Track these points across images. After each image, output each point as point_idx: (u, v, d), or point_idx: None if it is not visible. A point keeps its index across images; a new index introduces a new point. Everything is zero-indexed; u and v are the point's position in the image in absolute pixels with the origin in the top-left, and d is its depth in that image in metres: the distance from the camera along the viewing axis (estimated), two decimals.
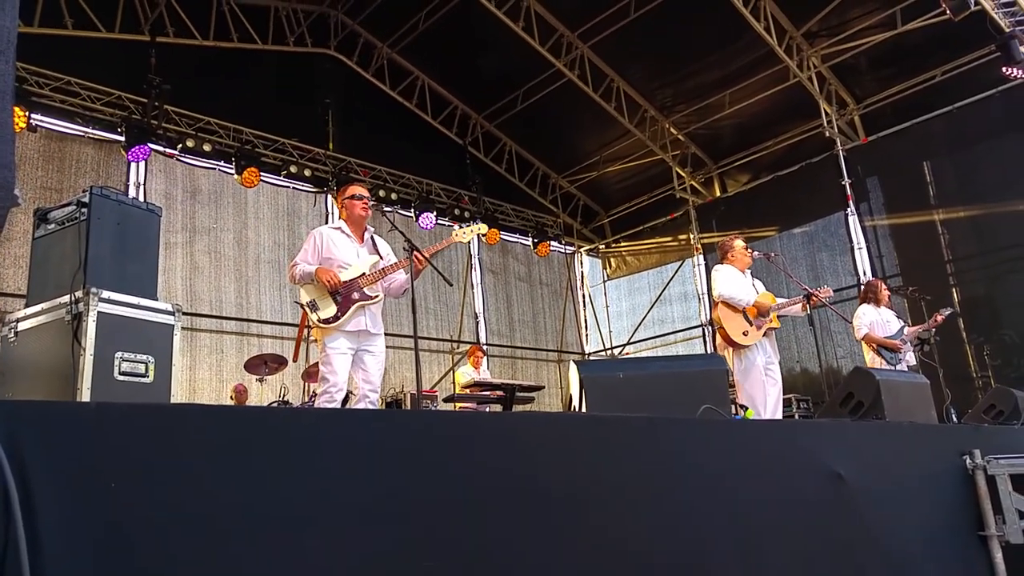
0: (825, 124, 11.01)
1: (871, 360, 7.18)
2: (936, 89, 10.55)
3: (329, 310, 4.65)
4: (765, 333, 5.97)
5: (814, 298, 5.96)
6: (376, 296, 4.80)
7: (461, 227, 5.42)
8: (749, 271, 6.29)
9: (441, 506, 1.90)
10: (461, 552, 1.90)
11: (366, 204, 5.03)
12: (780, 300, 6.12)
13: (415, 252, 4.74)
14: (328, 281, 4.63)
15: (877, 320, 7.21)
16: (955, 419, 6.77)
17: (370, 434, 1.88)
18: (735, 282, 6.09)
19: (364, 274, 4.80)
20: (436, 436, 2.00)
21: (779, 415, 6.02)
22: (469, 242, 12.50)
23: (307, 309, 4.68)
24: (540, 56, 11.55)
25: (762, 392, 5.82)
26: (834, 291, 6.24)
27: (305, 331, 5.22)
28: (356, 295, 4.72)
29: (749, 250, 6.31)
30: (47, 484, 1.34)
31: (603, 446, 2.35)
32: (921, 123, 10.61)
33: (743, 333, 5.89)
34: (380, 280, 4.85)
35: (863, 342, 7.30)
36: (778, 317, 6.11)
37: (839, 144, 11.26)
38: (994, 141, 9.98)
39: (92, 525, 1.38)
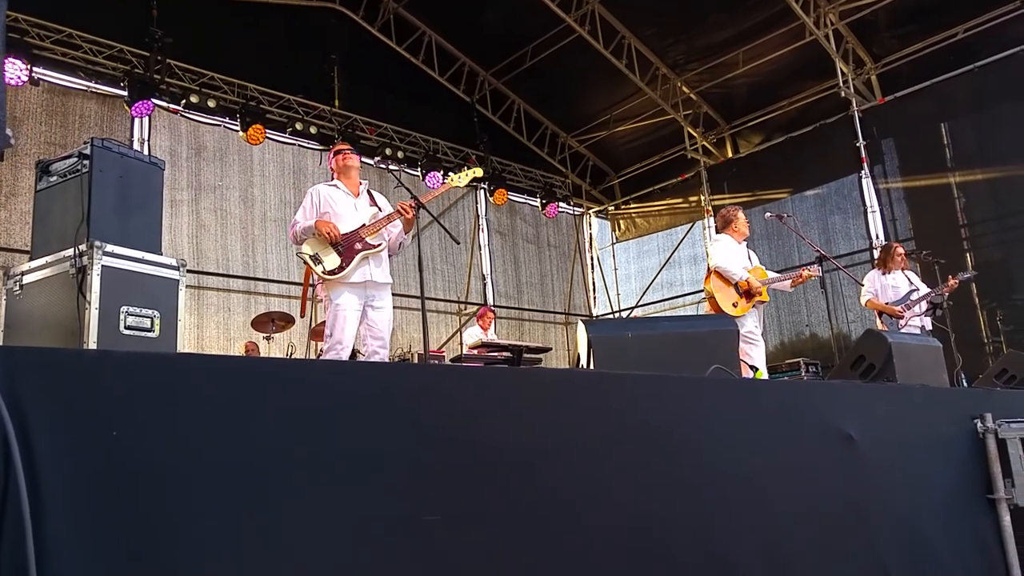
0: (841, 84, 10.77)
1: (877, 324, 7.18)
2: (958, 47, 10.27)
3: (333, 261, 4.66)
4: (754, 305, 6.20)
5: (799, 276, 6.28)
6: (379, 245, 4.81)
7: (456, 173, 5.44)
8: (745, 242, 6.55)
9: (444, 460, 1.88)
10: (462, 507, 1.88)
11: (347, 155, 5.08)
12: (771, 275, 6.31)
13: (406, 203, 4.76)
14: (328, 232, 4.63)
15: (882, 286, 7.23)
16: (965, 384, 6.73)
17: (375, 386, 1.85)
18: (731, 255, 6.32)
19: (364, 224, 4.80)
20: (442, 389, 1.97)
21: None
22: (467, 187, 12.48)
23: (311, 263, 4.68)
24: (550, 11, 11.30)
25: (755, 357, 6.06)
26: (846, 254, 6.28)
27: (310, 289, 5.22)
28: (358, 245, 4.73)
29: (746, 222, 6.57)
30: (48, 432, 1.33)
31: (611, 403, 2.31)
32: (940, 83, 10.36)
33: (732, 304, 6.11)
34: (382, 230, 4.85)
35: (867, 307, 7.38)
36: (768, 292, 6.33)
37: (855, 104, 11.03)
38: (1017, 101, 9.73)
39: (93, 473, 1.37)
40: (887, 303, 7.09)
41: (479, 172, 5.66)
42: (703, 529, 2.40)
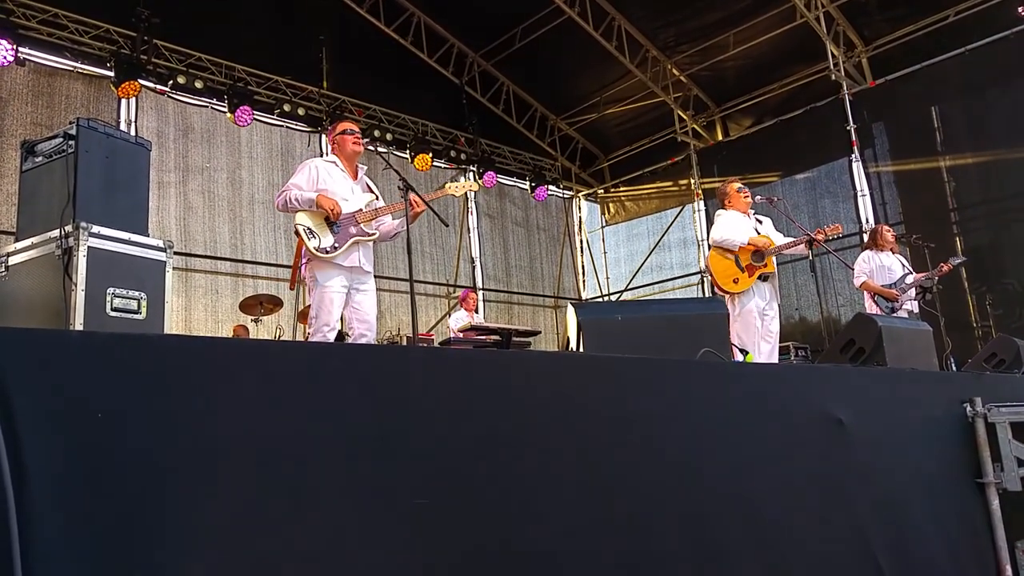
0: (831, 67, 10.72)
1: (868, 308, 7.14)
2: (948, 30, 10.26)
3: (327, 239, 4.60)
4: (763, 278, 5.91)
5: (821, 232, 5.89)
6: (373, 234, 4.77)
7: (454, 181, 5.36)
8: (753, 212, 6.22)
9: (434, 444, 1.87)
10: (454, 490, 1.87)
11: (357, 139, 4.97)
12: (781, 241, 6.05)
13: (413, 196, 4.69)
14: (332, 209, 4.57)
15: (877, 267, 7.15)
16: (955, 368, 6.75)
17: (364, 369, 1.83)
18: (731, 226, 6.04)
19: (360, 210, 4.75)
20: (432, 373, 1.95)
21: (775, 359, 6.02)
22: (457, 169, 12.54)
23: (304, 236, 4.60)
24: None
25: (755, 336, 5.81)
26: (836, 238, 6.14)
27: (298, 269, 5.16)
28: (353, 230, 4.68)
29: (742, 192, 6.23)
30: (31, 414, 1.31)
31: (601, 386, 2.30)
32: (931, 66, 10.35)
33: (733, 280, 5.89)
34: (375, 219, 4.80)
35: (862, 289, 7.27)
36: (781, 257, 6.04)
37: (845, 88, 11.02)
38: (1006, 85, 9.74)
39: (79, 456, 1.35)
40: (882, 285, 7.03)
41: (475, 187, 5.67)
42: (691, 511, 2.39)
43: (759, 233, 6.07)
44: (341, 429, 1.72)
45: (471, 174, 13.55)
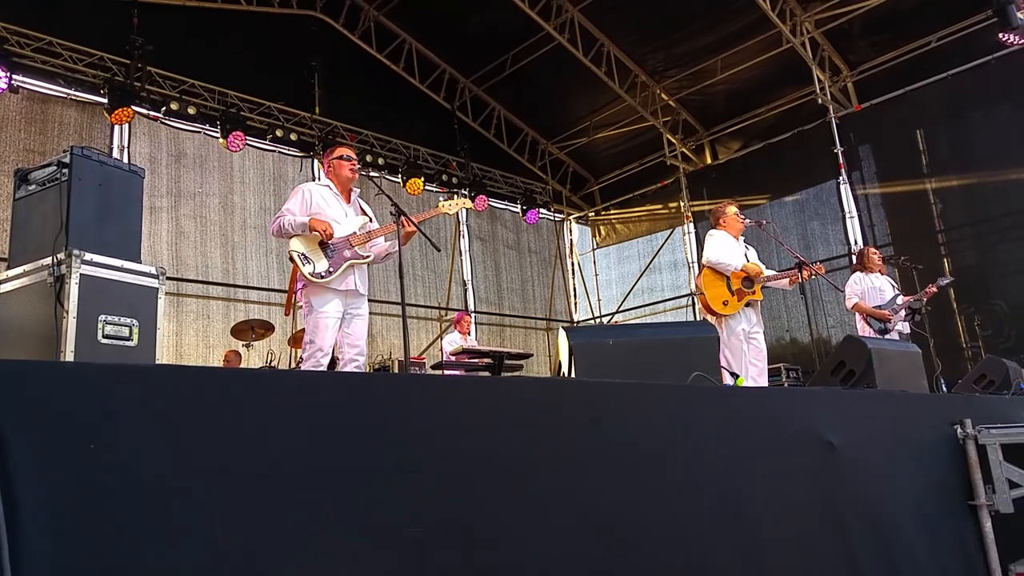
0: (818, 91, 10.90)
1: (860, 329, 7.15)
2: (931, 56, 10.44)
3: (322, 264, 4.59)
4: (748, 303, 5.95)
5: (806, 269, 5.93)
6: (367, 256, 4.77)
7: (447, 199, 5.36)
8: (743, 238, 6.27)
9: (426, 473, 1.86)
10: (447, 521, 1.87)
11: (353, 166, 4.98)
12: (769, 272, 6.09)
13: (405, 216, 4.70)
14: (324, 231, 4.57)
15: (868, 288, 7.18)
16: (945, 389, 6.76)
17: (355, 398, 1.83)
18: (725, 248, 6.07)
19: (355, 233, 4.75)
20: (423, 400, 1.96)
21: (763, 382, 6.03)
22: (456, 214, 12.60)
23: (299, 262, 4.59)
24: (529, 19, 11.34)
25: (742, 359, 5.83)
26: (825, 260, 6.15)
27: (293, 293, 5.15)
28: (348, 253, 4.68)
29: (740, 216, 6.27)
30: (23, 445, 1.30)
31: (593, 411, 2.31)
32: (915, 90, 10.55)
33: (723, 303, 5.90)
34: (369, 242, 4.81)
35: (854, 311, 7.28)
36: (764, 289, 6.09)
37: (832, 111, 11.17)
38: (989, 109, 9.93)
39: (70, 487, 1.35)
40: (873, 306, 7.06)
41: (469, 204, 5.66)
42: (682, 535, 2.40)
43: (748, 260, 6.11)
44: (333, 459, 1.72)
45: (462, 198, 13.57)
